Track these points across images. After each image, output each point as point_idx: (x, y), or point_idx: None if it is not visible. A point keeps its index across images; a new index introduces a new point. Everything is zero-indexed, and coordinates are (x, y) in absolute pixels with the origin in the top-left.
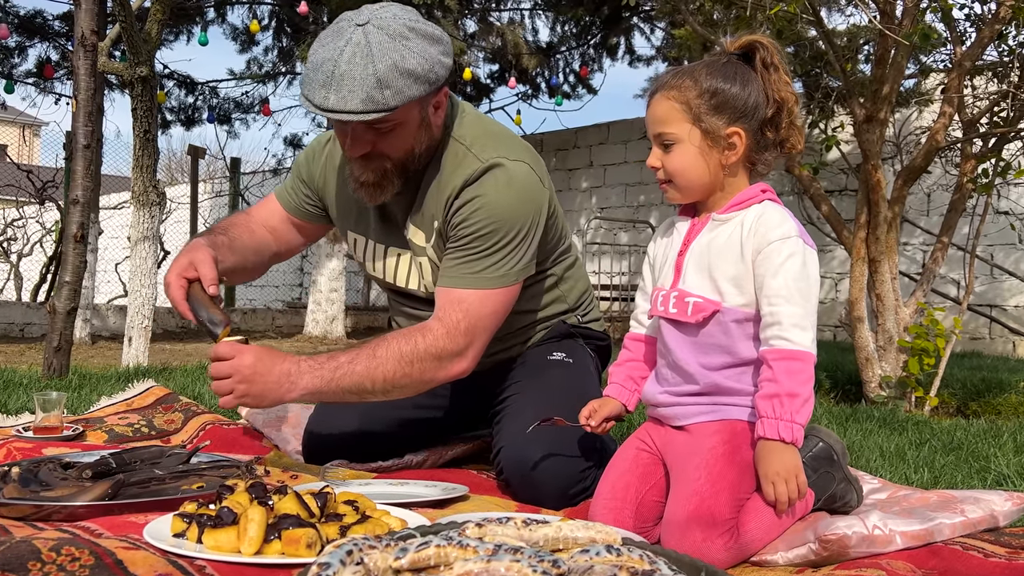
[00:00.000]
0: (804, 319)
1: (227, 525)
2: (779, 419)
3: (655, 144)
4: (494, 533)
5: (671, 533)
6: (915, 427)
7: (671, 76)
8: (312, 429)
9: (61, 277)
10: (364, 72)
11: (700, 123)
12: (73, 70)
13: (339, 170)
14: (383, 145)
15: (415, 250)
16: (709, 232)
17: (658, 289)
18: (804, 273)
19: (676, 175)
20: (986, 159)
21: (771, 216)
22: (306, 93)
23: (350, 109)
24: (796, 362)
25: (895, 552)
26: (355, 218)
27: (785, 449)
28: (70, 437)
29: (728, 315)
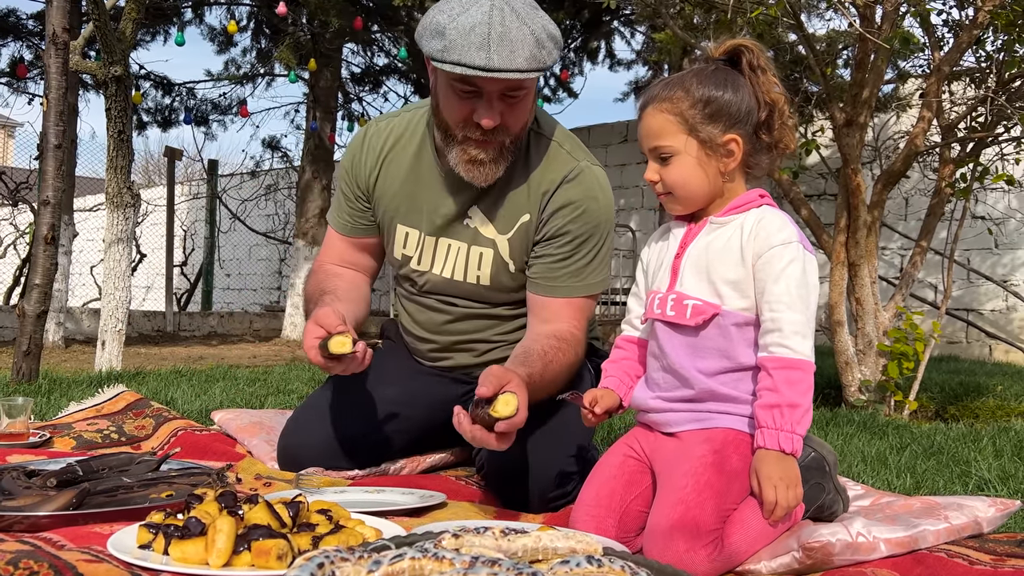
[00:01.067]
0: (805, 327)
1: (195, 536)
2: (780, 430)
3: (651, 157)
4: (471, 544)
5: (654, 542)
6: (895, 431)
7: (661, 88)
8: (286, 436)
9: (31, 279)
10: (521, 32)
11: (696, 134)
12: (44, 68)
13: (390, 163)
14: (508, 117)
15: (479, 240)
16: (707, 235)
17: (654, 292)
18: (805, 280)
19: (676, 187)
20: (964, 164)
21: (772, 220)
22: (459, 59)
23: (516, 67)
24: (797, 371)
25: (879, 560)
26: (405, 211)
27: (784, 459)
28: (36, 444)
29: (728, 318)
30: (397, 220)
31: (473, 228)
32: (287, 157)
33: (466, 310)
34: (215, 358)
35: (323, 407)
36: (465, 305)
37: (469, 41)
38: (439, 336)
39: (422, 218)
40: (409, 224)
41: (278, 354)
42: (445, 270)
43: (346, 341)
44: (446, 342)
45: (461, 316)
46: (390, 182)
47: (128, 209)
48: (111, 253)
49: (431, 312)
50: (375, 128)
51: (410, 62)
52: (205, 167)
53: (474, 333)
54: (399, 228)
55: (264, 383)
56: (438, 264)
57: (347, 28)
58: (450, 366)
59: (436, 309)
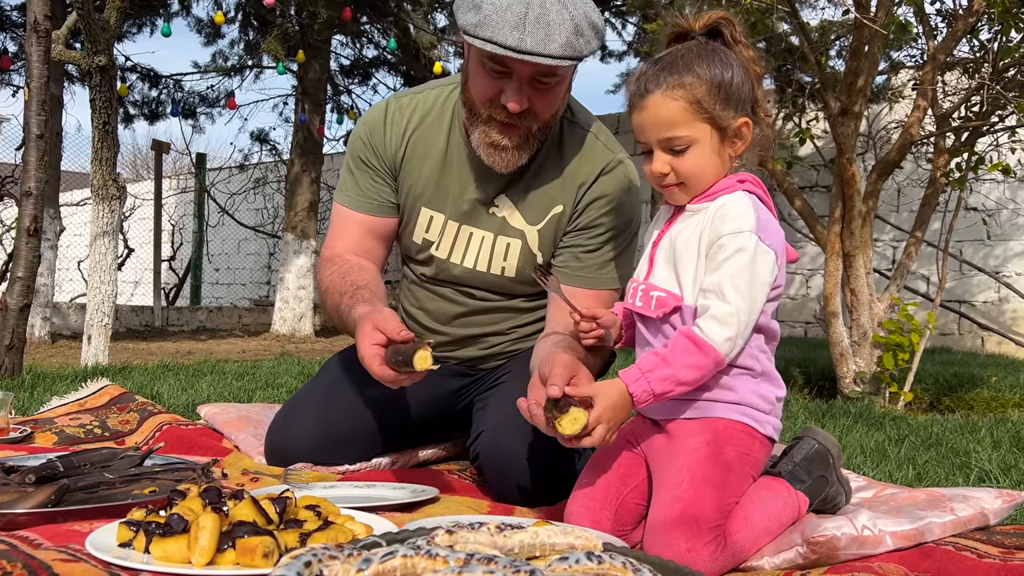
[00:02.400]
0: (729, 316)
1: (177, 533)
2: (643, 374)
3: (659, 148)
4: (466, 540)
5: (654, 540)
6: (892, 423)
7: (666, 72)
8: (274, 431)
9: (14, 272)
10: (561, 16)
11: (715, 121)
12: (26, 57)
13: (415, 142)
14: (538, 103)
15: (506, 231)
16: (680, 224)
17: (633, 280)
18: (748, 271)
19: (692, 178)
20: (959, 153)
21: (730, 207)
22: (491, 36)
23: (549, 52)
24: (691, 344)
25: (886, 554)
26: (431, 194)
27: (626, 400)
28: (17, 439)
29: (687, 312)
30: (421, 203)
31: (501, 217)
32: (276, 150)
33: (482, 303)
34: (203, 353)
35: (313, 401)
36: (482, 297)
37: (504, 19)
38: (449, 328)
39: (447, 202)
40: (434, 208)
41: (267, 348)
42: (467, 260)
43: (427, 356)
44: (457, 335)
45: (477, 310)
46: (416, 162)
47: (114, 202)
48: (97, 246)
49: (444, 302)
50: (396, 104)
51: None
52: (193, 161)
53: (488, 326)
54: (423, 211)
55: (252, 377)
56: (458, 253)
57: (336, 19)
58: (454, 358)
59: (451, 300)
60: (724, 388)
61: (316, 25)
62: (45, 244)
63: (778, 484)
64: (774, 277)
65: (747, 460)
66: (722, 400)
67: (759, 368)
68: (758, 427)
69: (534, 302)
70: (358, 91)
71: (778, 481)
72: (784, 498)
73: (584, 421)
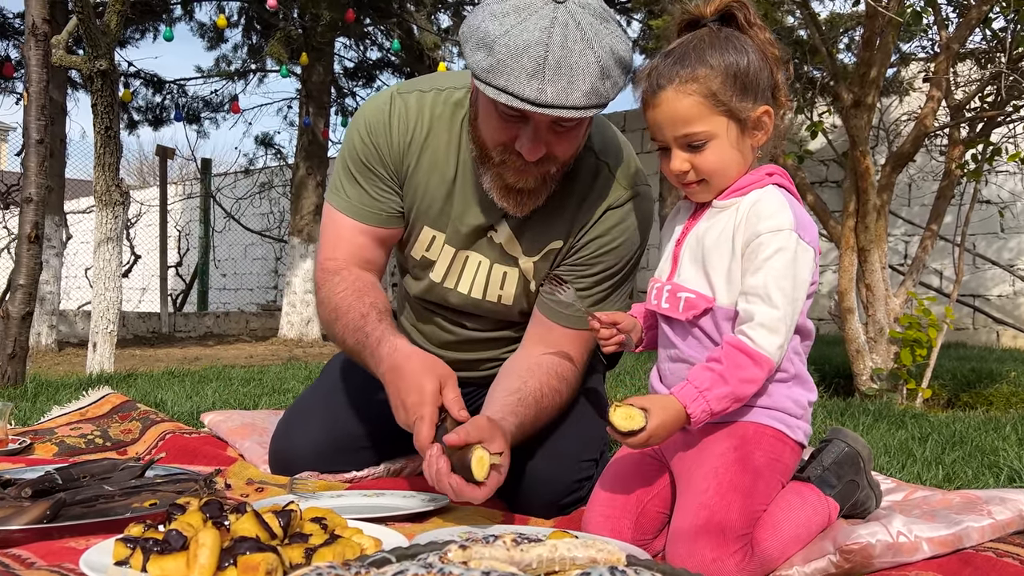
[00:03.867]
0: (778, 322)
1: (175, 551)
2: (701, 393)
3: (676, 146)
4: (481, 556)
5: (677, 549)
6: (913, 420)
7: (677, 66)
8: (277, 440)
9: (15, 279)
10: (585, 59)
11: (733, 113)
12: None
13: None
14: (557, 147)
15: (504, 259)
16: (707, 221)
17: (654, 280)
18: (790, 272)
19: (714, 175)
20: (975, 144)
21: (766, 204)
22: (505, 85)
23: (571, 104)
24: (746, 358)
25: (923, 561)
26: (436, 212)
27: (681, 419)
28: (15, 451)
29: (720, 313)
30: (425, 221)
31: (499, 244)
32: (281, 154)
33: (473, 333)
34: (210, 359)
35: (315, 406)
36: (473, 327)
37: (520, 64)
38: (442, 351)
39: (448, 224)
40: (437, 227)
41: (275, 353)
42: (462, 285)
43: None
44: (448, 358)
45: (467, 339)
46: (423, 175)
47: (117, 207)
48: (101, 252)
49: (436, 329)
50: (402, 103)
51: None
52: (198, 166)
53: (481, 352)
54: (426, 229)
55: (259, 383)
56: (452, 278)
57: (339, 21)
58: None
59: (442, 327)
60: (757, 394)
61: (319, 27)
62: (50, 251)
63: (807, 490)
64: (812, 275)
65: (777, 466)
66: (753, 404)
67: (792, 371)
68: (789, 432)
69: (521, 331)
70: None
71: (807, 487)
72: (814, 504)
73: (640, 423)
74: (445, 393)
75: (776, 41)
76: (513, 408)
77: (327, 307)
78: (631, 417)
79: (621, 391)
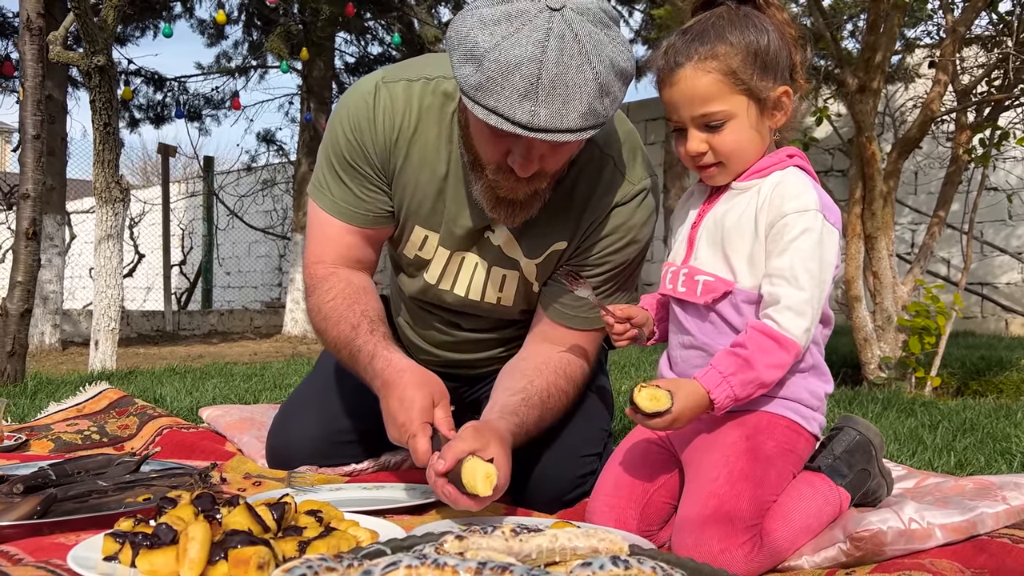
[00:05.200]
0: (804, 304)
1: (165, 545)
2: (725, 378)
3: (693, 126)
4: (477, 547)
5: (684, 539)
6: (923, 408)
7: (697, 43)
8: (274, 433)
9: (13, 277)
10: (582, 76)
11: (753, 92)
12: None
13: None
14: (551, 161)
15: (502, 261)
16: (726, 203)
17: (668, 264)
18: (817, 253)
19: (732, 157)
20: (982, 129)
21: (790, 185)
22: (495, 106)
23: (566, 127)
24: (772, 343)
25: (936, 548)
26: (428, 211)
27: (704, 403)
28: (11, 447)
29: (740, 296)
30: (416, 221)
31: (497, 246)
32: (283, 150)
33: (469, 334)
34: (214, 356)
35: (311, 401)
36: (469, 328)
37: (511, 84)
38: (438, 351)
39: (441, 224)
40: (429, 227)
41: (279, 350)
42: (458, 288)
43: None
44: (445, 358)
45: (463, 340)
46: (412, 172)
47: (117, 204)
48: (101, 250)
49: (432, 331)
50: (387, 93)
51: (404, 49)
52: (201, 164)
53: (479, 352)
54: (417, 229)
55: (261, 378)
56: (448, 280)
57: (339, 16)
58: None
59: (437, 329)
60: None
61: (319, 22)
62: (53, 251)
63: (818, 480)
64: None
65: (789, 456)
66: (768, 394)
67: (811, 361)
68: (804, 423)
69: (522, 330)
70: None
71: (818, 476)
72: (825, 494)
73: (667, 404)
74: (436, 412)
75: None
76: (515, 408)
77: (318, 315)
78: (656, 399)
79: (625, 382)
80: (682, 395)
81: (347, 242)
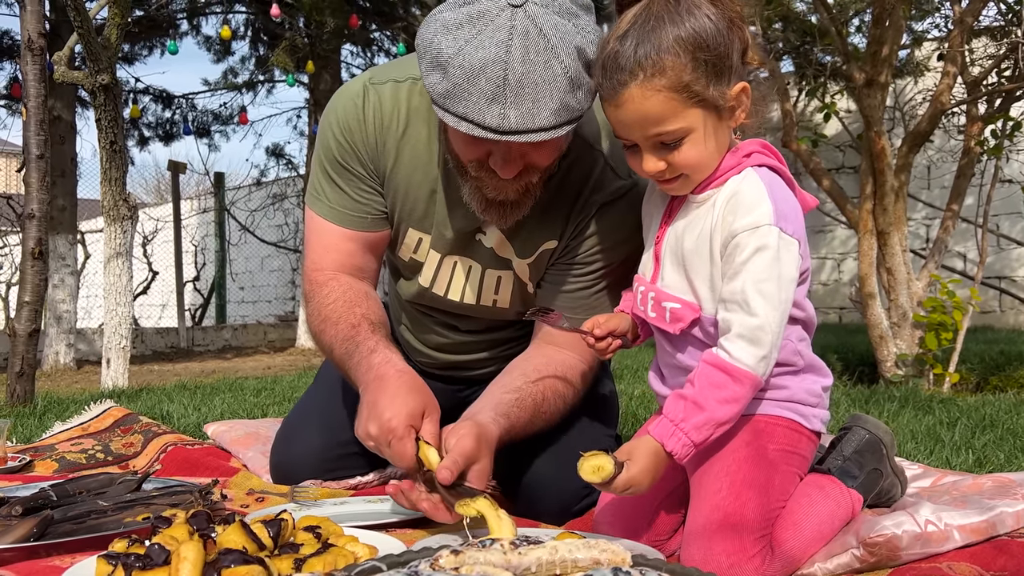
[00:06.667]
0: (758, 331)
1: (157, 566)
2: (676, 425)
3: (647, 146)
4: (474, 561)
5: (691, 555)
6: (941, 405)
7: (637, 54)
8: (277, 449)
9: (20, 297)
10: (549, 73)
11: (709, 102)
12: (22, 76)
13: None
14: (535, 157)
15: (496, 262)
16: (684, 217)
17: (639, 280)
18: (774, 272)
19: (694, 169)
20: (994, 120)
21: (743, 197)
22: (464, 112)
23: (539, 126)
24: (723, 376)
25: (954, 551)
26: (421, 214)
27: (662, 458)
28: (15, 469)
29: (708, 321)
30: (409, 223)
31: (489, 248)
32: (292, 164)
33: (467, 336)
34: (228, 371)
35: (312, 415)
36: (467, 330)
37: (478, 88)
38: (436, 354)
39: (433, 227)
40: (423, 229)
41: (292, 364)
42: (453, 292)
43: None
44: (443, 360)
45: (461, 343)
46: (404, 173)
47: (126, 222)
48: (111, 267)
49: (430, 333)
50: (375, 95)
51: None
52: (212, 180)
53: (478, 354)
54: (411, 232)
55: (271, 392)
56: (441, 284)
57: (344, 28)
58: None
59: (435, 332)
60: (767, 388)
61: (324, 35)
62: (66, 270)
63: (828, 483)
64: (800, 267)
65: (793, 459)
66: (764, 397)
67: (802, 362)
68: (804, 422)
69: (521, 331)
70: None
71: (828, 480)
72: (836, 498)
73: (610, 472)
74: (425, 423)
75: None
76: (507, 409)
77: (317, 318)
78: (599, 468)
79: (638, 387)
80: (637, 455)
81: (346, 249)
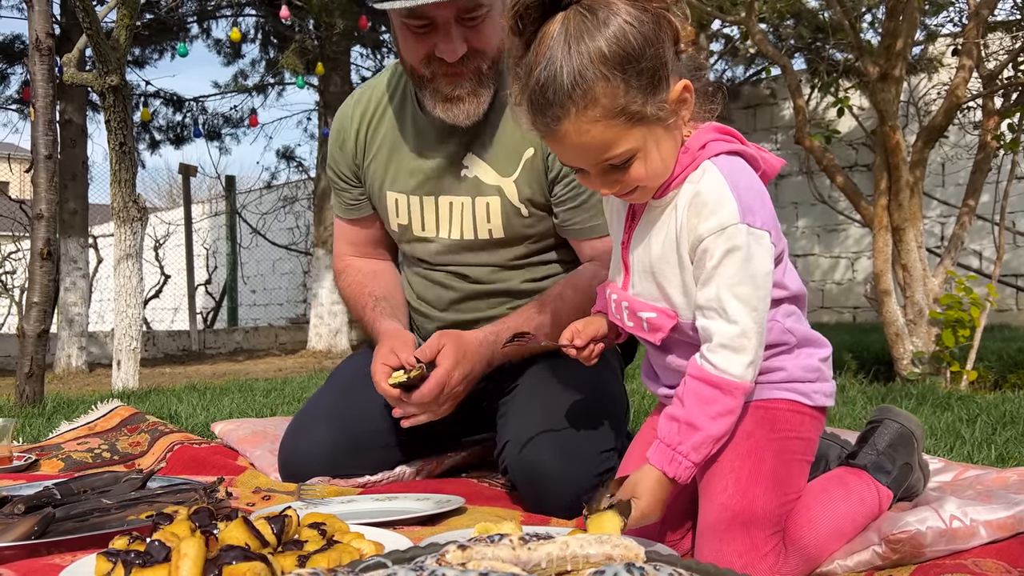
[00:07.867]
0: (739, 338)
1: (158, 563)
2: (674, 448)
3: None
4: (481, 556)
5: (704, 555)
6: (960, 402)
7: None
8: (285, 446)
9: (29, 298)
10: None
11: (650, 119)
12: (30, 76)
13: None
14: (475, 40)
15: (482, 190)
16: (647, 220)
17: (611, 286)
18: (747, 272)
19: (648, 181)
20: (1011, 114)
21: (705, 197)
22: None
23: None
24: (711, 390)
25: (980, 547)
26: (394, 174)
27: (665, 484)
28: (21, 468)
29: (687, 326)
30: (385, 188)
31: (473, 178)
32: (302, 167)
33: (476, 285)
34: (239, 373)
35: (323, 410)
36: (475, 279)
37: None
38: (447, 315)
39: (413, 178)
40: (398, 189)
41: (304, 366)
42: (453, 231)
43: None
44: (454, 320)
45: (471, 293)
46: (373, 151)
47: (135, 224)
48: (121, 270)
49: (439, 288)
50: (356, 97)
51: None
52: (223, 183)
53: (486, 311)
54: (388, 196)
55: (280, 392)
56: (443, 226)
57: (353, 29)
58: None
59: (444, 285)
60: (763, 371)
61: (334, 37)
62: (77, 273)
63: (853, 478)
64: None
65: (797, 444)
66: (761, 381)
67: (795, 339)
68: (805, 400)
69: (531, 284)
70: None
71: (853, 474)
72: (860, 494)
73: (618, 525)
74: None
75: None
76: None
77: (344, 300)
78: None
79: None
80: (642, 489)
81: (350, 235)
